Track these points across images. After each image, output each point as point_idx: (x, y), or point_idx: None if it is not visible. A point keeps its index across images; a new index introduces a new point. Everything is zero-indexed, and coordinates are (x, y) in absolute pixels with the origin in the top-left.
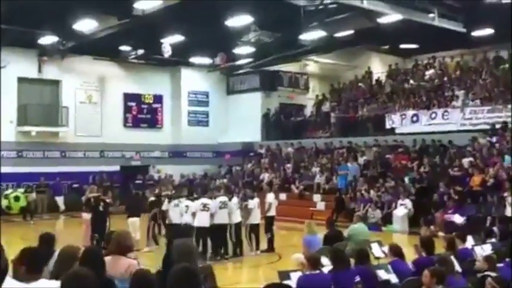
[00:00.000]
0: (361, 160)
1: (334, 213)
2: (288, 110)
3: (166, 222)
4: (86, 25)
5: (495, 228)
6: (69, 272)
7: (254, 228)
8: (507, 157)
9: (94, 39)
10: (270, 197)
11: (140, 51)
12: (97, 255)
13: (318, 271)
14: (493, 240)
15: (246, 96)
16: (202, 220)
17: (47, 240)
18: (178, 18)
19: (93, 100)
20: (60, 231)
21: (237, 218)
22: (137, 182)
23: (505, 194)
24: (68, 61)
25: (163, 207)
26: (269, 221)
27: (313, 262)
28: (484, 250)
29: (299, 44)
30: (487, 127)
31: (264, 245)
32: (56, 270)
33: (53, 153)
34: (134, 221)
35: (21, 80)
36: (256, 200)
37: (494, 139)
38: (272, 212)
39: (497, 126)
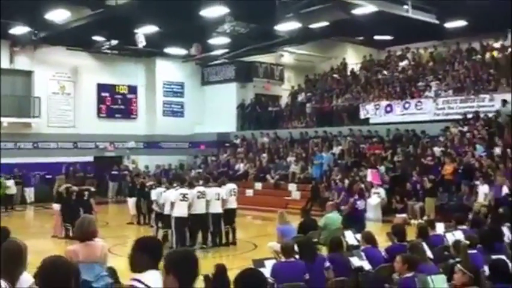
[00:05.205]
0: (335, 150)
1: (309, 202)
2: (263, 100)
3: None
4: (58, 15)
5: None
6: (45, 260)
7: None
8: (478, 146)
9: (67, 30)
10: (225, 189)
11: (114, 42)
12: None
13: (292, 259)
14: (464, 227)
15: (221, 86)
16: (181, 210)
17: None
18: (152, 8)
19: (66, 91)
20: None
21: (214, 207)
22: (113, 172)
23: (477, 182)
24: (41, 52)
25: (153, 197)
26: (227, 215)
27: (287, 250)
28: (455, 237)
29: (274, 35)
30: (459, 117)
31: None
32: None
33: (26, 144)
34: (133, 200)
35: None
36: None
37: (465, 128)
38: (230, 205)
39: (469, 116)
